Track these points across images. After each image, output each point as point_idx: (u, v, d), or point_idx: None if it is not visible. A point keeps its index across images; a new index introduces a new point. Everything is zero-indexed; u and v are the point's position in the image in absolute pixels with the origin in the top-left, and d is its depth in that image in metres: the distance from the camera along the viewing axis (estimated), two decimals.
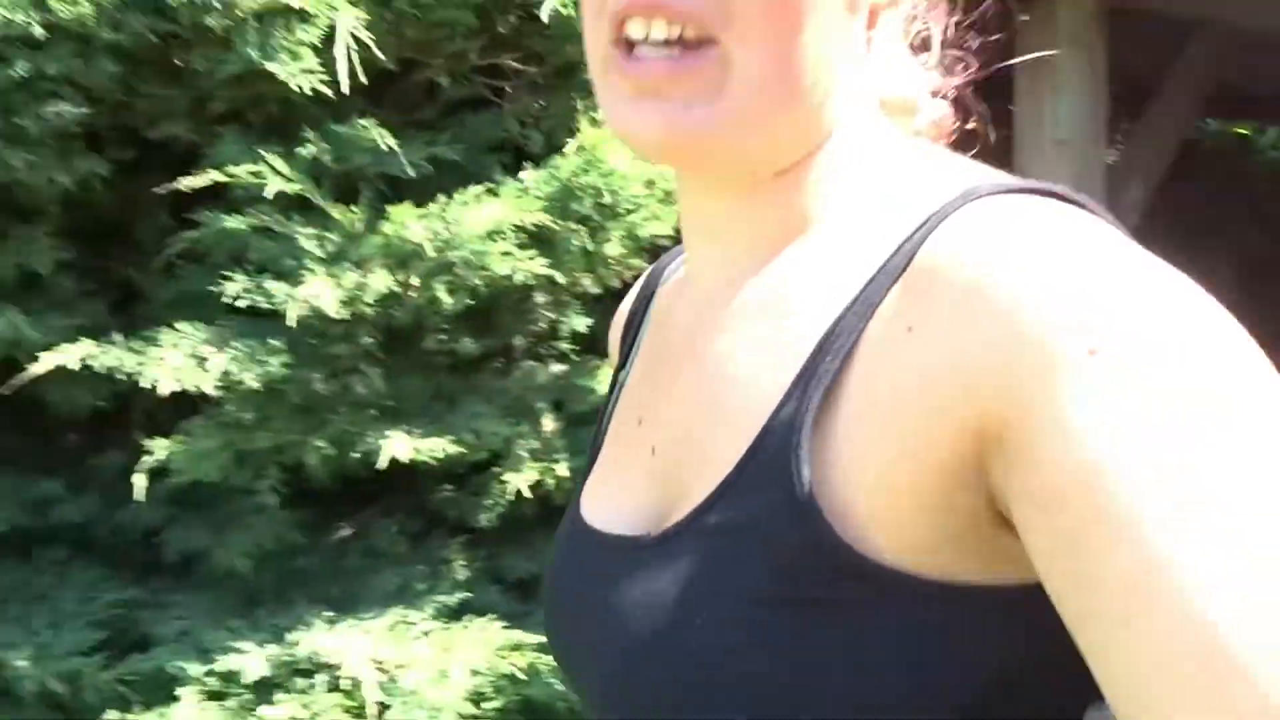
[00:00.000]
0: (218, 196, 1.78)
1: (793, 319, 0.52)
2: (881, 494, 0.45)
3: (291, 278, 1.74)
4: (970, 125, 0.64)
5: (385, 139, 1.74)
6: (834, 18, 0.52)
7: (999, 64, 0.63)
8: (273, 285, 1.72)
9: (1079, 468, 0.39)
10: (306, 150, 1.74)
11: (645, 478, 0.58)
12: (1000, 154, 0.62)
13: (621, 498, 0.59)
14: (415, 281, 1.82)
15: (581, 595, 0.58)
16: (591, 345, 2.12)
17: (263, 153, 1.67)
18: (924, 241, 0.47)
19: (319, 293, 1.71)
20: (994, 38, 0.64)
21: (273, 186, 1.66)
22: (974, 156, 0.57)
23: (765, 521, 0.47)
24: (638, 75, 0.51)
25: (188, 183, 1.71)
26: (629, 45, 0.51)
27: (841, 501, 0.46)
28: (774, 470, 0.48)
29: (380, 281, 1.78)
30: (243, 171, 1.62)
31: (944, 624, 0.45)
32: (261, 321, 1.78)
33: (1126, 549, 0.38)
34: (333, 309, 1.72)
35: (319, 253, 1.76)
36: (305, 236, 1.75)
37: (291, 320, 1.70)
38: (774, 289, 0.54)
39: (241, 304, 1.75)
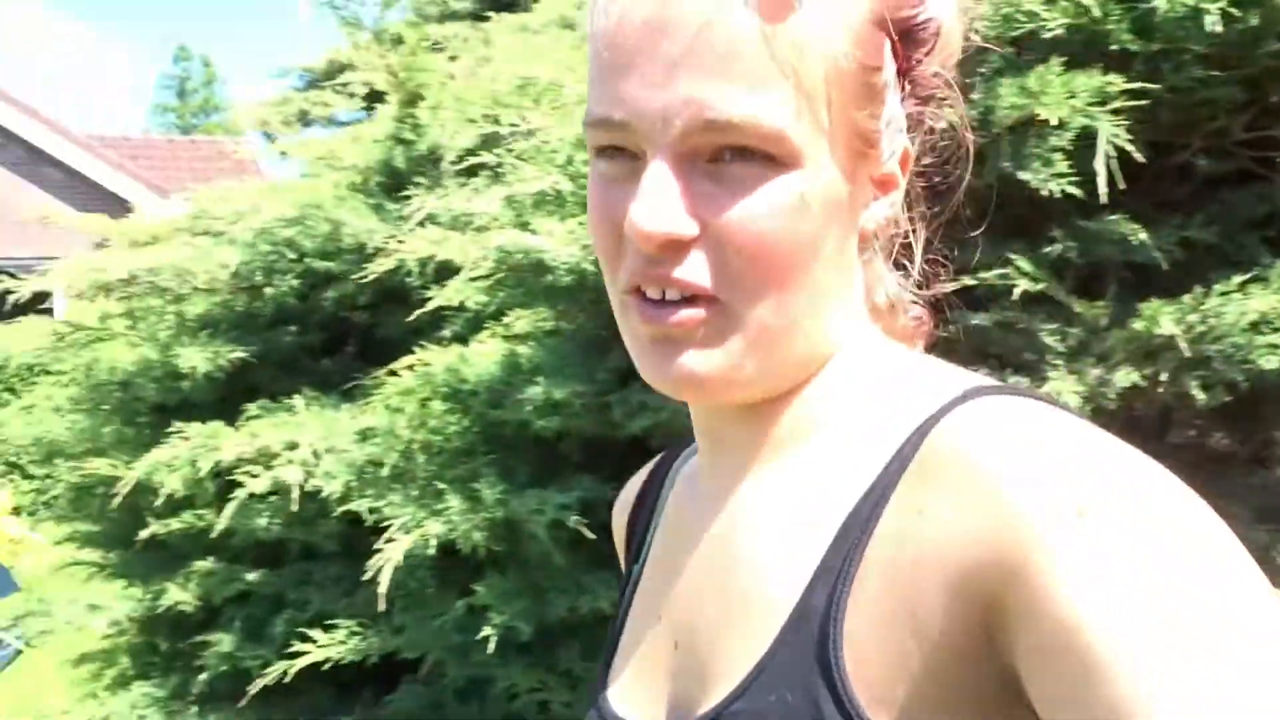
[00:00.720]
0: (965, 292, 1.91)
1: (808, 511, 0.55)
2: (904, 678, 0.48)
3: (1033, 372, 1.79)
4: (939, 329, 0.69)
5: (1137, 234, 1.70)
6: (828, 259, 0.56)
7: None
8: (1015, 380, 1.79)
9: (1070, 617, 0.43)
10: (1052, 249, 1.78)
11: (671, 673, 0.60)
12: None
13: (650, 694, 0.61)
14: (1164, 377, 1.74)
15: None
16: None
17: (1010, 255, 1.75)
18: (929, 434, 0.52)
19: (1060, 389, 1.73)
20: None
21: (1020, 286, 1.73)
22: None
23: (798, 709, 0.49)
24: (653, 322, 0.56)
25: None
26: (642, 292, 0.56)
27: (873, 686, 0.48)
28: (807, 661, 0.50)
29: (1125, 377, 1.73)
30: (993, 275, 1.71)
31: None
32: None
33: (1111, 688, 0.41)
34: (1073, 404, 1.73)
35: (1060, 348, 1.78)
36: (1048, 332, 1.78)
37: None
38: (788, 485, 0.58)
39: None
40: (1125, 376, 1.73)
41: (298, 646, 2.34)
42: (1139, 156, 1.71)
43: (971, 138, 0.64)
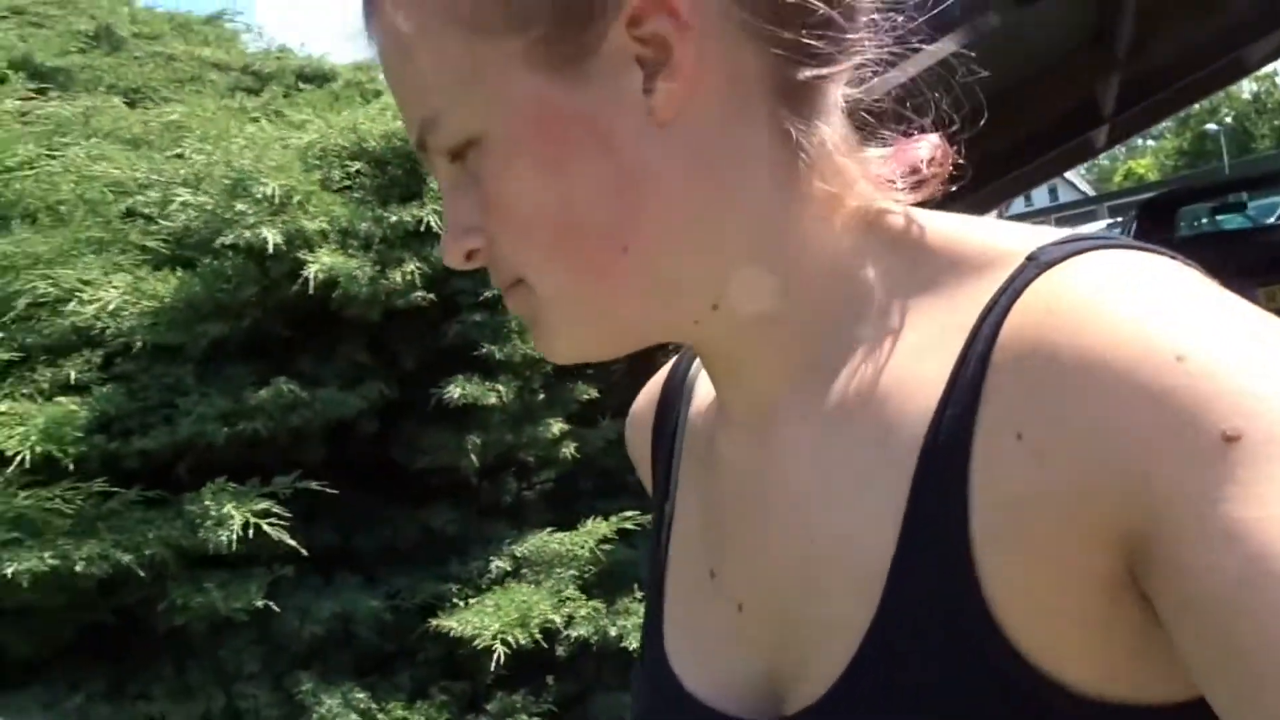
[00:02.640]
0: None
1: (876, 438, 0.46)
2: (1050, 619, 0.41)
3: None
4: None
5: None
6: (594, 187, 0.47)
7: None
8: None
9: (1239, 577, 0.34)
10: None
11: (739, 641, 0.53)
12: None
13: (719, 666, 0.54)
14: None
15: None
16: None
17: None
18: (1002, 323, 0.43)
19: None
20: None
21: None
22: None
23: (941, 670, 0.42)
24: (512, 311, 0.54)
25: None
26: None
27: (1016, 633, 0.41)
28: (926, 613, 0.43)
29: None
30: None
31: None
32: None
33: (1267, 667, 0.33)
34: None
35: None
36: None
37: None
38: (840, 406, 0.49)
39: None
40: None
41: None
42: None
43: None
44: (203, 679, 2.30)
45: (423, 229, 2.42)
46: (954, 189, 0.51)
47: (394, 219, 2.32)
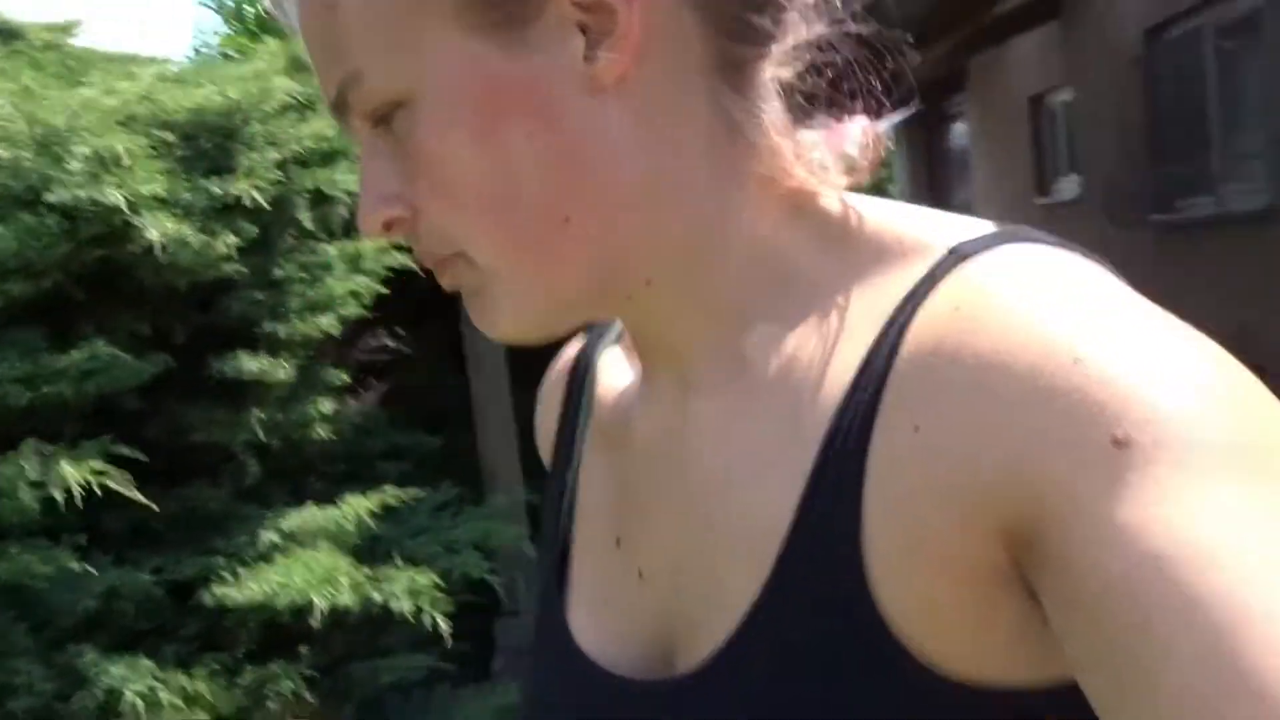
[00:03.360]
0: None
1: (784, 421, 0.47)
2: (926, 606, 0.42)
3: None
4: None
5: None
6: (530, 157, 0.46)
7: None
8: None
9: (1119, 576, 0.34)
10: None
11: (637, 607, 0.54)
12: None
13: (616, 629, 0.55)
14: None
15: None
16: None
17: None
18: (911, 321, 0.43)
19: None
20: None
21: None
22: None
23: (819, 640, 0.44)
24: (444, 287, 0.52)
25: None
26: None
27: (893, 614, 0.42)
28: (811, 589, 0.44)
29: None
30: None
31: None
32: None
33: (1174, 668, 0.33)
34: None
35: None
36: None
37: None
38: (750, 386, 0.50)
39: None
40: None
41: None
42: None
43: None
44: None
45: (233, 204, 2.47)
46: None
47: (215, 190, 2.36)
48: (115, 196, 2.08)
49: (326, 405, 3.11)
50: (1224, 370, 0.38)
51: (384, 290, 3.25)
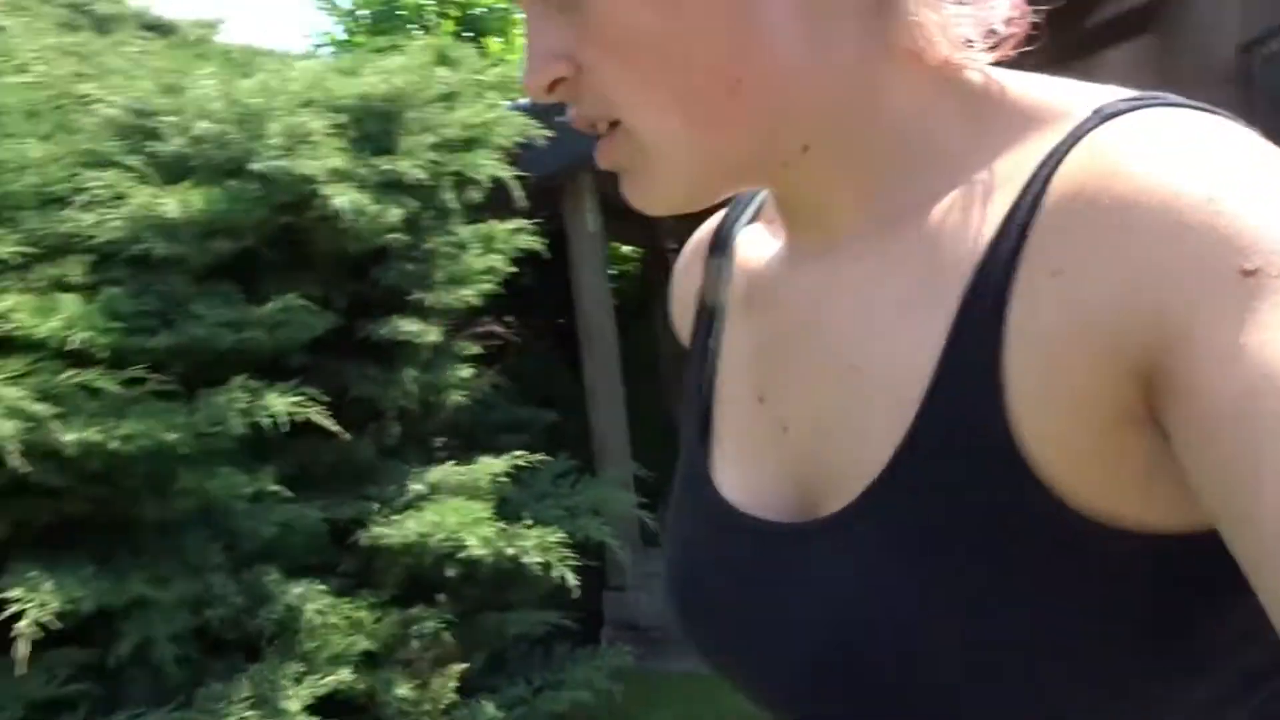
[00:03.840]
0: None
1: (929, 274, 0.48)
2: (1064, 447, 0.43)
3: None
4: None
5: None
6: (704, 24, 0.48)
7: None
8: None
9: (1234, 395, 0.36)
10: None
11: (781, 459, 0.55)
12: None
13: (761, 480, 0.56)
14: None
15: (737, 588, 0.55)
16: None
17: None
18: (1055, 172, 0.44)
19: None
20: None
21: None
22: None
23: (964, 480, 0.45)
24: (598, 160, 0.53)
25: None
26: None
27: (1033, 455, 0.43)
28: (955, 430, 0.45)
29: None
30: None
31: (1140, 573, 0.43)
32: None
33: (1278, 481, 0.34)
34: None
35: None
36: None
37: None
38: (899, 244, 0.51)
39: None
40: None
41: None
42: None
43: None
44: (175, 568, 2.49)
45: (395, 181, 2.77)
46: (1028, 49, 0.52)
47: (384, 167, 2.66)
48: (308, 167, 2.39)
49: (464, 371, 3.39)
50: None
51: (514, 269, 3.54)
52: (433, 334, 3.11)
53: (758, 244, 0.63)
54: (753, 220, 0.66)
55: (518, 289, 3.71)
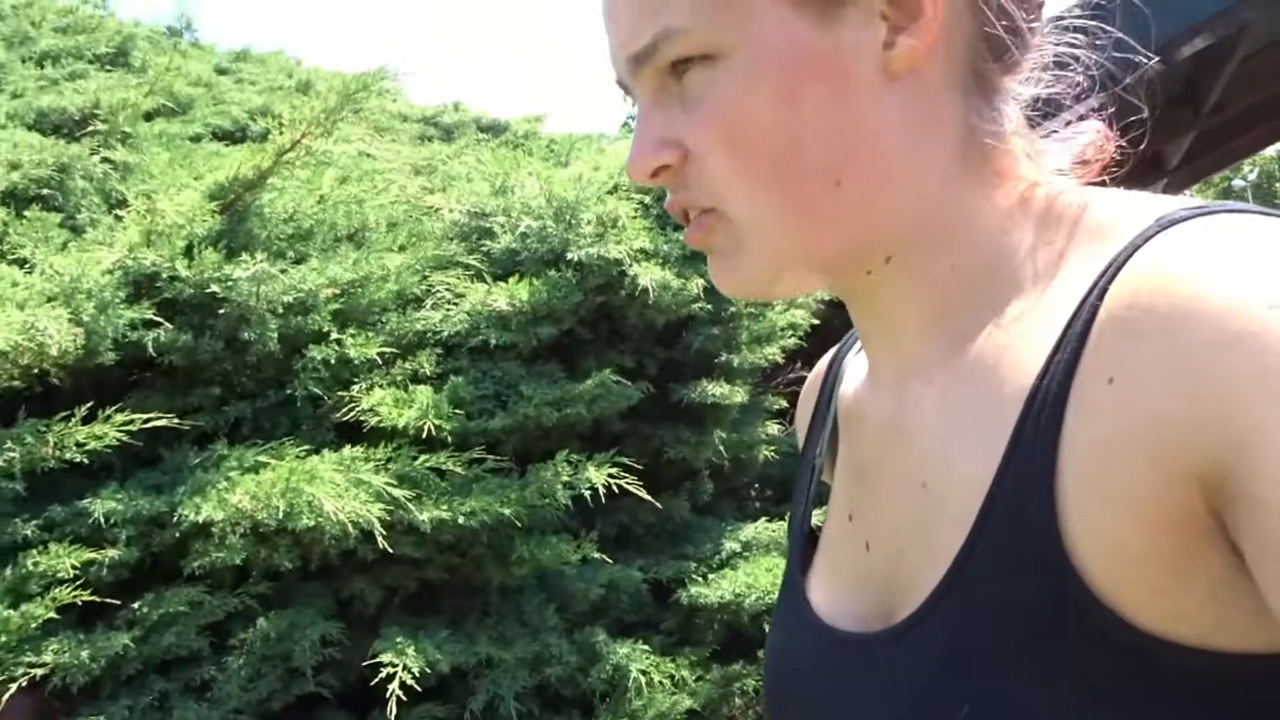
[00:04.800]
0: None
1: (991, 389, 0.49)
2: (1119, 557, 0.42)
3: None
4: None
5: None
6: (821, 122, 0.50)
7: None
8: None
9: None
10: None
11: (863, 574, 0.57)
12: None
13: (846, 594, 0.58)
14: None
15: (819, 691, 0.57)
16: None
17: None
18: (1114, 281, 0.44)
19: None
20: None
21: None
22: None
23: (1016, 594, 0.44)
24: (691, 242, 0.56)
25: None
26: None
27: (1087, 567, 0.42)
28: (1009, 543, 0.45)
29: None
30: None
31: (1204, 693, 0.41)
32: None
33: None
34: None
35: None
36: None
37: None
38: (965, 364, 0.52)
39: None
40: None
41: None
42: None
43: None
44: (515, 629, 2.71)
45: (695, 252, 2.87)
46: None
47: (680, 240, 2.77)
48: (618, 251, 2.54)
49: (772, 428, 3.44)
50: None
51: (816, 322, 3.55)
52: (740, 394, 3.19)
53: (859, 372, 0.65)
54: (858, 351, 0.69)
55: (826, 333, 3.72)
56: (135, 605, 2.17)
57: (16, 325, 1.95)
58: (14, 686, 1.92)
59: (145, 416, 2.19)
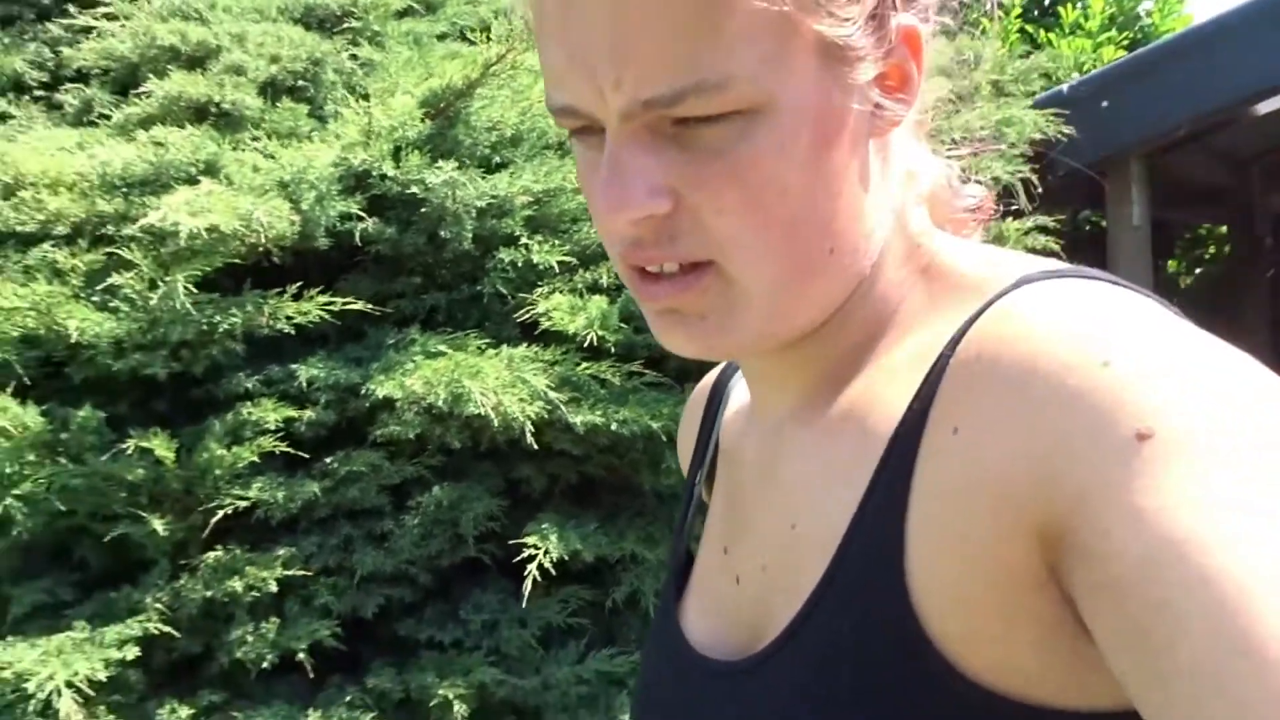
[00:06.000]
0: None
1: (861, 434, 0.50)
2: (958, 604, 0.42)
3: None
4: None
5: None
6: (838, 188, 0.49)
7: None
8: None
9: (1140, 557, 0.36)
10: None
11: (733, 608, 0.59)
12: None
13: (717, 625, 0.60)
14: None
15: (680, 713, 0.59)
16: None
17: None
18: (967, 333, 0.46)
19: None
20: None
21: None
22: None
23: (865, 635, 0.45)
24: (654, 299, 0.51)
25: None
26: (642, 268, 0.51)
27: (928, 613, 0.43)
28: (860, 583, 0.46)
29: None
30: None
31: None
32: None
33: (1194, 638, 0.34)
34: None
35: None
36: None
37: None
38: (838, 413, 0.53)
39: None
40: None
41: None
42: None
43: None
44: (662, 532, 2.88)
45: None
46: None
47: None
48: None
49: None
50: (1251, 378, 0.39)
51: None
52: None
53: (742, 398, 0.67)
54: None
55: None
56: (328, 460, 2.50)
57: (240, 211, 2.26)
58: (220, 513, 2.30)
59: (343, 299, 2.48)
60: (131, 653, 2.15)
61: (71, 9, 3.46)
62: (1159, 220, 4.46)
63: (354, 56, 3.25)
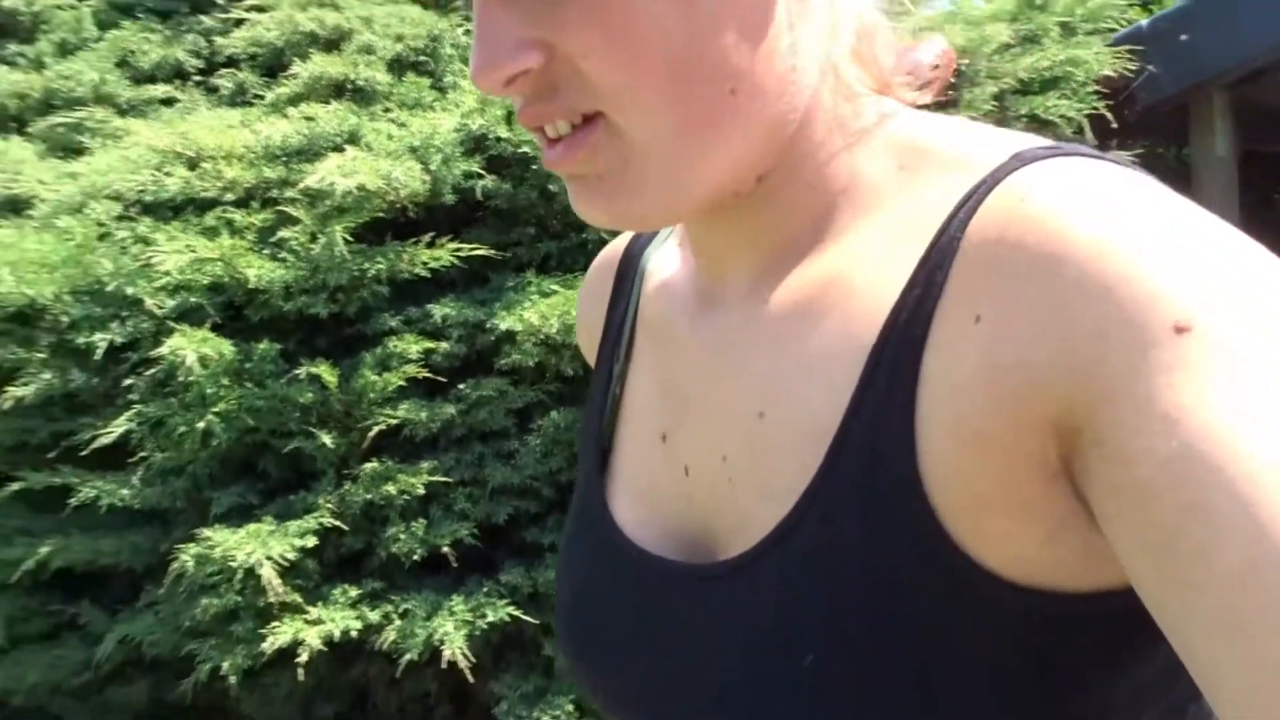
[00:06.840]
0: None
1: (839, 323, 0.47)
2: (975, 501, 0.41)
3: None
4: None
5: None
6: (715, 14, 0.44)
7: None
8: None
9: (1172, 457, 0.34)
10: None
11: (682, 499, 0.54)
12: None
13: (660, 518, 0.55)
14: None
15: (643, 624, 0.53)
16: None
17: None
18: (973, 216, 0.42)
19: None
20: None
21: None
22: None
23: (870, 539, 0.43)
24: (554, 165, 0.47)
25: None
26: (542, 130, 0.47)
27: (946, 513, 0.41)
28: (863, 487, 0.43)
29: None
30: None
31: (1057, 636, 0.42)
32: None
33: (1233, 544, 0.32)
34: None
35: None
36: None
37: None
38: (806, 295, 0.49)
39: None
40: None
41: None
42: None
43: None
44: None
45: None
46: None
47: None
48: None
49: None
50: None
51: None
52: None
53: (669, 268, 0.61)
54: (665, 240, 0.64)
55: None
56: (461, 386, 2.91)
57: (381, 172, 2.66)
58: (375, 430, 2.73)
59: (470, 247, 2.87)
60: (311, 541, 2.60)
61: (221, 1, 3.93)
62: (1248, 151, 4.51)
63: (468, 31, 3.62)
